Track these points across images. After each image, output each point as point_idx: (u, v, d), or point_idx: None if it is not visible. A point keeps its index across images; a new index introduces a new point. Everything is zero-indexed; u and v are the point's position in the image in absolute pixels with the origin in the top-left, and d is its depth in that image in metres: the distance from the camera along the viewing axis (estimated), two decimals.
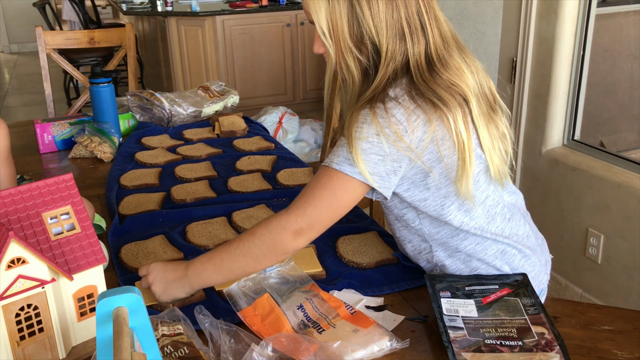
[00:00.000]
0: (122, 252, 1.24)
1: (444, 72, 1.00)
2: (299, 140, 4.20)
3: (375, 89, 1.00)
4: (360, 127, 0.98)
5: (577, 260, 2.31)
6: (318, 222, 1.02)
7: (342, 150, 1.00)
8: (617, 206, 2.09)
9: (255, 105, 4.77)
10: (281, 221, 1.01)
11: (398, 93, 0.99)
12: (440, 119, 0.98)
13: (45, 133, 1.89)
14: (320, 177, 1.02)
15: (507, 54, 2.51)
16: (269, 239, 1.02)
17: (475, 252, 1.11)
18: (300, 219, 1.01)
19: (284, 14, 4.88)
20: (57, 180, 0.96)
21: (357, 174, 0.99)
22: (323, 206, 1.01)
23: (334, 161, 1.00)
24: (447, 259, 1.13)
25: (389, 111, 0.97)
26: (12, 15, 8.65)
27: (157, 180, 1.63)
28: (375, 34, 0.99)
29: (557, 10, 2.24)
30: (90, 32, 2.64)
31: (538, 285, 1.19)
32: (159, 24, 5.06)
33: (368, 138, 0.97)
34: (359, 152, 0.97)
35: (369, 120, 0.97)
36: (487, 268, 1.12)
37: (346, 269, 1.18)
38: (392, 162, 0.99)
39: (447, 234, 1.11)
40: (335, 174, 1.00)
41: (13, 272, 0.85)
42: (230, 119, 2.09)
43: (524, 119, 2.48)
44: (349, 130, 0.99)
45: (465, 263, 1.12)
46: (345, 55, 1.02)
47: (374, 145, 0.97)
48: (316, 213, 1.01)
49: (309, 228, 1.01)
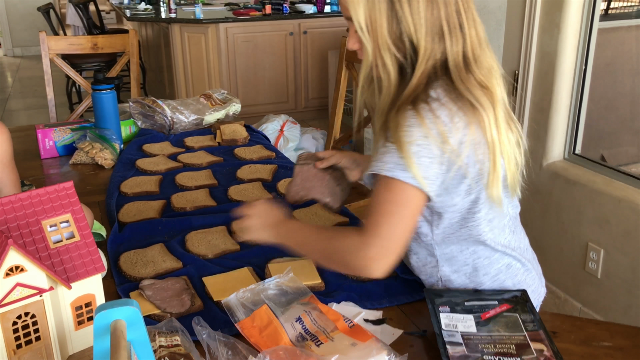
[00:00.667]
0: (120, 260, 1.24)
1: (478, 73, 1.00)
2: (300, 148, 4.20)
3: (416, 88, 0.99)
4: (408, 130, 0.95)
5: (577, 275, 2.30)
6: (395, 242, 0.97)
7: (390, 155, 0.96)
8: (617, 221, 2.09)
9: (257, 112, 4.77)
10: (357, 242, 0.97)
11: (440, 94, 0.98)
12: (477, 121, 0.98)
13: (47, 138, 1.89)
14: (383, 190, 0.98)
15: (509, 67, 2.52)
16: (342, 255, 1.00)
17: (483, 266, 1.11)
18: (376, 241, 0.96)
19: (287, 23, 4.89)
20: (58, 188, 0.96)
21: (410, 178, 0.95)
22: (394, 222, 0.96)
23: (384, 168, 0.96)
24: (452, 274, 1.13)
25: (434, 112, 0.96)
26: (16, 19, 8.68)
27: (157, 187, 1.63)
28: (414, 32, 0.98)
29: (559, 25, 2.24)
30: (93, 38, 2.65)
31: (537, 298, 1.20)
32: (162, 30, 5.08)
33: (417, 141, 0.95)
34: (411, 155, 0.94)
35: (416, 122, 0.95)
36: (492, 283, 1.13)
37: (345, 281, 1.17)
38: (439, 165, 0.97)
39: (456, 249, 1.11)
40: (390, 183, 0.96)
41: (11, 280, 0.85)
42: (231, 127, 2.09)
43: (525, 132, 2.48)
44: (396, 134, 0.96)
45: (470, 278, 1.13)
46: (383, 53, 1.00)
47: (423, 147, 0.95)
48: (389, 231, 0.96)
49: (384, 251, 0.96)
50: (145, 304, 1.08)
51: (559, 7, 2.23)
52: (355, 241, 0.97)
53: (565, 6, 2.21)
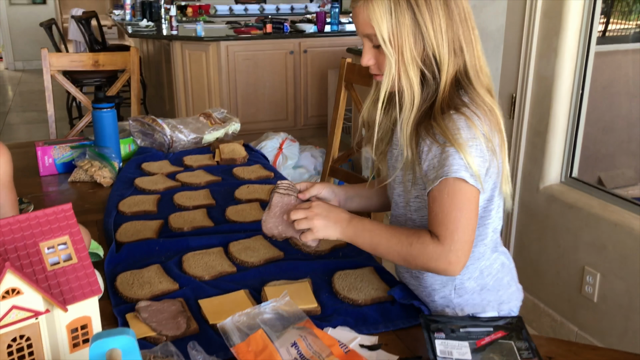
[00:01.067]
0: (117, 281, 1.24)
1: (484, 80, 1.11)
2: (298, 166, 4.21)
3: (444, 95, 1.08)
4: (461, 132, 1.03)
5: (573, 298, 2.30)
6: (466, 242, 1.05)
7: (453, 158, 1.03)
8: (614, 245, 2.10)
9: (256, 129, 4.79)
10: (437, 250, 1.05)
11: (469, 99, 1.08)
12: (496, 121, 1.09)
13: (46, 156, 1.90)
14: (447, 197, 1.05)
15: (506, 90, 2.54)
16: (425, 259, 1.07)
17: (485, 267, 1.21)
18: (453, 246, 1.04)
19: (287, 42, 4.93)
20: (56, 210, 0.96)
21: (472, 177, 1.03)
22: (463, 224, 1.04)
23: (450, 170, 1.03)
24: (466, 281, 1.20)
25: (476, 114, 1.05)
26: (19, 33, 8.73)
27: (155, 207, 1.64)
28: (437, 47, 1.07)
29: (556, 50, 2.27)
30: (95, 55, 2.67)
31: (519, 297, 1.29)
32: (163, 46, 5.11)
33: (468, 142, 1.03)
34: (471, 155, 1.03)
35: (465, 125, 1.04)
36: (494, 283, 1.22)
37: (341, 306, 1.17)
38: (485, 162, 1.06)
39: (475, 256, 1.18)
40: (458, 186, 1.04)
41: (7, 303, 0.85)
42: (230, 147, 2.10)
43: (522, 154, 2.49)
44: (453, 137, 1.03)
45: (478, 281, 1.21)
46: (407, 66, 1.08)
47: (475, 147, 1.04)
48: (462, 234, 1.04)
49: (462, 253, 1.05)
50: (141, 326, 1.08)
51: (556, 31, 2.26)
52: (437, 250, 1.05)
53: (562, 31, 2.24)
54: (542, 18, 2.32)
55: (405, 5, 1.05)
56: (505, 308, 1.25)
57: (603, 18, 2.65)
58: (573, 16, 2.22)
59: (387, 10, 1.06)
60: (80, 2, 12.61)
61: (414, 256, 1.08)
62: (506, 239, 2.62)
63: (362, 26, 1.10)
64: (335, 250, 1.42)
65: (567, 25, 2.23)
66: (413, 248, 1.07)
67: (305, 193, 1.25)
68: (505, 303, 1.24)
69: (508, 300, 1.25)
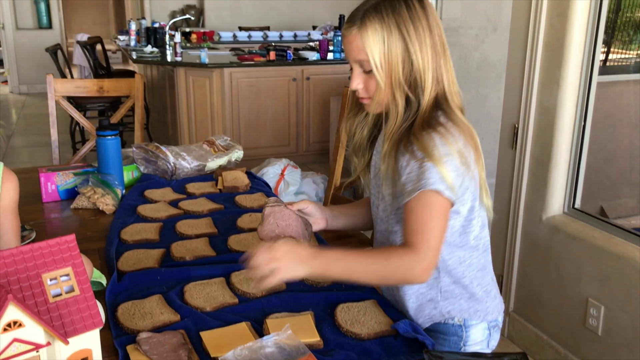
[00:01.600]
0: (118, 312, 1.23)
1: (457, 100, 1.21)
2: (300, 192, 4.21)
3: (423, 115, 1.17)
4: (438, 148, 1.12)
5: (577, 331, 2.28)
6: (438, 250, 1.14)
7: (430, 172, 1.11)
8: (618, 278, 2.08)
9: (258, 155, 4.80)
10: (413, 258, 1.12)
11: (445, 119, 1.17)
12: (472, 138, 1.17)
13: (49, 182, 1.90)
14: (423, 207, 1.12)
15: (508, 121, 2.55)
16: (402, 271, 1.13)
17: (476, 277, 1.28)
18: (428, 253, 1.12)
19: (290, 69, 4.98)
20: (60, 241, 0.96)
21: (447, 189, 1.11)
22: (436, 234, 1.13)
23: (428, 183, 1.11)
24: (451, 285, 1.27)
25: (450, 132, 1.14)
26: (24, 57, 8.83)
27: (157, 235, 1.63)
28: (423, 72, 1.17)
29: (559, 81, 2.28)
30: (99, 82, 2.69)
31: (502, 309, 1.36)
32: (167, 72, 5.15)
33: (444, 157, 1.12)
34: (446, 168, 1.11)
35: (441, 142, 1.12)
36: (483, 293, 1.29)
37: (344, 340, 1.16)
38: (460, 176, 1.15)
39: (457, 260, 1.26)
40: (434, 198, 1.12)
41: (9, 336, 0.84)
42: (233, 174, 2.10)
43: (525, 185, 2.49)
44: (430, 152, 1.12)
45: (467, 288, 1.28)
46: (395, 89, 1.18)
47: (450, 162, 1.12)
48: (435, 243, 1.13)
49: (434, 259, 1.13)
50: (142, 358, 1.07)
51: (558, 63, 2.28)
52: (413, 258, 1.12)
53: (564, 63, 2.26)
54: (544, 50, 2.34)
55: (397, 35, 1.15)
56: (490, 318, 1.32)
57: (604, 47, 2.67)
58: (575, 48, 2.24)
59: (381, 39, 1.15)
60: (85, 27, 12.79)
61: (391, 271, 1.13)
62: (509, 269, 2.61)
63: (355, 52, 1.19)
64: (337, 282, 1.41)
65: (569, 57, 2.25)
66: (390, 262, 1.13)
67: (294, 205, 1.37)
68: (490, 313, 1.32)
69: (492, 311, 1.32)
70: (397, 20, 1.15)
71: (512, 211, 2.56)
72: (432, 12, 1.19)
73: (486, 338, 1.32)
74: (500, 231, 2.65)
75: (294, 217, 1.32)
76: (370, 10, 1.17)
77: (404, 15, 1.15)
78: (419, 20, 1.16)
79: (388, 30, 1.15)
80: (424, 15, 1.17)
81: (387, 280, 1.17)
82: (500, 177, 2.64)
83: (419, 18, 1.16)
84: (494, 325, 1.33)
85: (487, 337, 1.32)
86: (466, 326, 1.29)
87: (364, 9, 1.18)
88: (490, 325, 1.32)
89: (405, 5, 1.16)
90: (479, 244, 1.28)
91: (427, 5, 1.19)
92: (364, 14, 1.17)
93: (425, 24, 1.17)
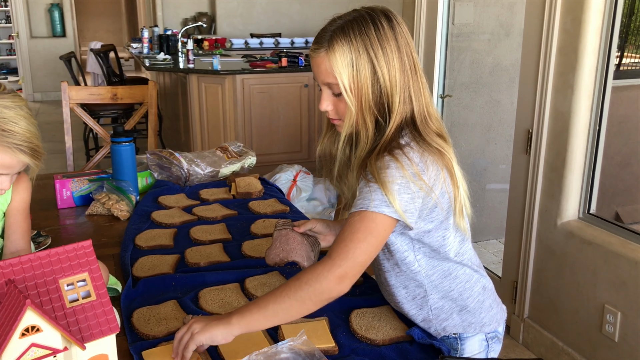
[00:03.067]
0: (134, 317, 1.23)
1: (433, 125, 1.18)
2: (312, 199, 4.21)
3: (390, 139, 1.14)
4: (388, 172, 1.09)
5: (593, 337, 2.25)
6: (359, 264, 1.09)
7: (376, 194, 1.09)
8: (634, 283, 2.06)
9: (270, 162, 4.81)
10: (326, 267, 1.07)
11: (407, 140, 1.14)
12: (443, 159, 1.14)
13: (64, 188, 1.91)
14: (358, 221, 1.09)
15: (522, 126, 2.53)
16: (316, 283, 1.07)
17: (465, 289, 1.24)
18: (344, 262, 1.07)
19: (302, 75, 4.98)
20: (76, 247, 0.97)
21: (393, 213, 1.08)
22: (363, 247, 1.08)
23: (371, 205, 1.08)
24: (440, 300, 1.23)
25: (407, 155, 1.11)
26: (39, 65, 8.92)
27: (171, 241, 1.64)
28: (391, 95, 1.14)
29: (573, 86, 2.27)
30: (113, 89, 2.71)
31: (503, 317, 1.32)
32: (179, 79, 5.18)
33: (396, 180, 1.08)
34: (394, 193, 1.08)
35: (394, 165, 1.09)
36: (475, 304, 1.25)
37: (359, 345, 1.16)
38: (417, 199, 1.11)
39: (441, 274, 1.22)
40: (373, 216, 1.08)
41: (27, 341, 0.85)
42: (246, 180, 2.10)
43: (539, 190, 2.47)
44: (379, 176, 1.09)
45: (457, 302, 1.24)
46: (365, 112, 1.15)
47: (403, 185, 1.09)
48: (357, 255, 1.08)
49: (352, 271, 1.08)
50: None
51: (572, 68, 2.26)
52: (326, 266, 1.07)
53: (579, 67, 2.24)
54: (558, 54, 2.32)
55: (365, 57, 1.11)
56: (488, 330, 1.28)
57: (617, 52, 2.65)
58: (589, 53, 2.23)
59: (349, 62, 1.11)
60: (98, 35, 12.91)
61: (307, 290, 1.07)
62: (524, 275, 2.59)
63: (323, 75, 1.15)
64: (352, 288, 1.40)
65: (583, 61, 2.23)
66: (303, 281, 1.08)
67: (300, 227, 1.34)
68: (487, 325, 1.28)
69: (490, 322, 1.28)
70: (364, 42, 1.11)
71: (527, 217, 2.54)
72: (401, 30, 1.14)
73: (484, 350, 1.28)
74: (515, 237, 2.63)
75: (299, 241, 1.31)
76: (338, 32, 1.12)
77: (371, 36, 1.11)
78: (387, 40, 1.12)
79: (357, 53, 1.11)
80: (392, 35, 1.13)
81: (309, 303, 1.08)
82: (514, 183, 2.62)
83: (387, 38, 1.12)
84: (492, 336, 1.29)
85: (484, 348, 1.28)
86: (461, 339, 1.25)
87: (331, 30, 1.14)
88: (488, 336, 1.28)
89: (374, 26, 1.12)
90: (463, 259, 1.24)
91: (396, 25, 1.14)
92: (332, 35, 1.13)
93: (393, 44, 1.13)
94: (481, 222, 3.74)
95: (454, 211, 1.19)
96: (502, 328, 1.32)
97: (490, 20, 3.59)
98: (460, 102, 3.57)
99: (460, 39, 3.53)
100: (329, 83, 1.15)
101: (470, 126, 3.60)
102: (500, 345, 1.32)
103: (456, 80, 3.56)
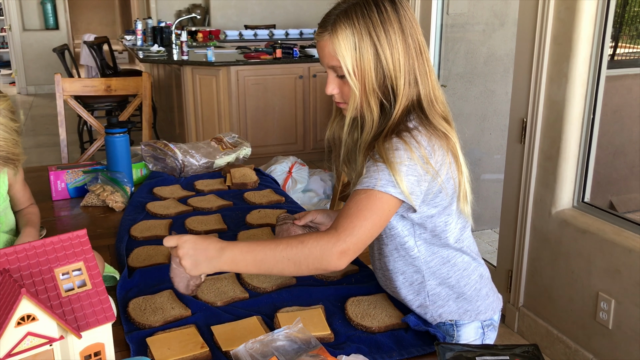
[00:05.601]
0: (129, 307, 1.23)
1: (439, 108, 1.18)
2: (307, 190, 4.21)
3: (397, 122, 1.15)
4: (396, 153, 1.10)
5: (588, 325, 2.27)
6: (362, 242, 1.09)
7: (383, 174, 1.09)
8: (628, 271, 2.07)
9: (266, 153, 4.81)
10: (332, 239, 1.07)
11: (415, 124, 1.14)
12: (448, 143, 1.15)
13: (59, 180, 1.91)
14: (364, 199, 1.09)
15: (517, 115, 2.54)
16: (317, 252, 1.06)
17: (462, 277, 1.25)
18: (349, 238, 1.07)
19: (297, 66, 4.98)
20: (71, 236, 0.97)
21: (399, 194, 1.09)
22: (367, 226, 1.08)
23: (378, 184, 1.08)
24: (437, 287, 1.24)
25: (415, 138, 1.12)
26: (32, 58, 8.87)
27: (167, 232, 1.64)
28: (395, 78, 1.14)
29: (567, 75, 2.27)
30: (107, 80, 2.70)
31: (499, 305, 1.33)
32: (174, 71, 5.17)
33: (404, 162, 1.09)
34: (401, 174, 1.08)
35: (402, 147, 1.10)
36: (472, 292, 1.26)
37: (355, 333, 1.16)
38: (424, 182, 1.12)
39: (439, 260, 1.23)
40: (379, 195, 1.08)
41: (22, 330, 0.85)
42: (241, 171, 2.10)
43: (534, 179, 2.48)
44: (387, 157, 1.10)
45: (454, 289, 1.25)
46: (369, 95, 1.15)
47: (410, 167, 1.09)
48: (361, 233, 1.08)
49: (354, 247, 1.08)
50: (162, 349, 1.07)
51: (566, 57, 2.27)
52: (332, 239, 1.06)
53: (573, 56, 2.25)
54: (552, 44, 2.32)
55: (368, 41, 1.12)
56: (484, 318, 1.29)
57: (611, 41, 2.66)
58: (583, 42, 2.23)
59: (352, 45, 1.12)
60: (92, 27, 12.83)
61: (305, 255, 1.06)
62: (518, 263, 2.60)
63: (327, 58, 1.17)
64: (347, 276, 1.41)
65: (577, 50, 2.24)
66: (305, 245, 1.07)
67: (301, 220, 1.36)
68: (482, 313, 1.29)
69: (486, 310, 1.29)
70: (367, 25, 1.12)
71: (521, 206, 2.55)
72: (405, 13, 1.14)
73: (479, 337, 1.29)
74: (510, 226, 2.64)
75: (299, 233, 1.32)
76: (341, 16, 1.13)
77: (374, 19, 1.12)
78: (390, 23, 1.13)
79: (359, 36, 1.12)
80: (395, 17, 1.13)
81: (301, 266, 1.07)
82: (509, 172, 2.63)
83: (391, 21, 1.13)
84: (488, 324, 1.30)
85: (480, 336, 1.29)
86: (457, 325, 1.27)
87: (335, 14, 1.15)
88: (484, 324, 1.30)
89: (377, 9, 1.13)
90: (462, 246, 1.25)
91: (400, 8, 1.14)
92: (335, 19, 1.14)
93: (397, 27, 1.13)
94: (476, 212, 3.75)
95: (458, 197, 1.20)
96: (497, 316, 1.33)
97: (484, 10, 3.59)
98: (455, 93, 3.57)
99: (454, 29, 3.53)
100: (334, 66, 1.16)
101: (465, 116, 3.60)
102: (496, 333, 1.33)
103: (451, 71, 3.56)
